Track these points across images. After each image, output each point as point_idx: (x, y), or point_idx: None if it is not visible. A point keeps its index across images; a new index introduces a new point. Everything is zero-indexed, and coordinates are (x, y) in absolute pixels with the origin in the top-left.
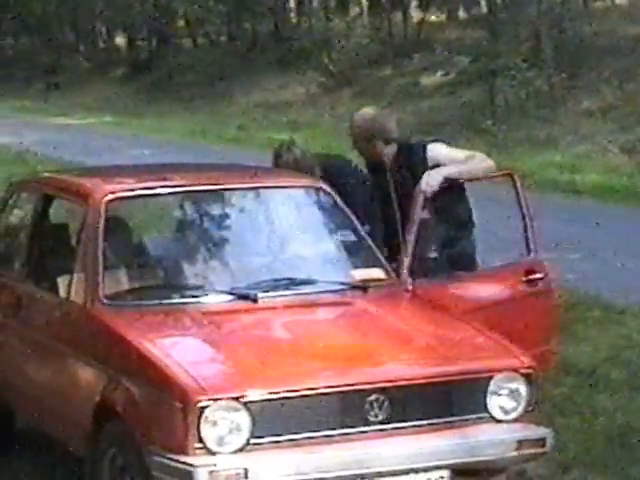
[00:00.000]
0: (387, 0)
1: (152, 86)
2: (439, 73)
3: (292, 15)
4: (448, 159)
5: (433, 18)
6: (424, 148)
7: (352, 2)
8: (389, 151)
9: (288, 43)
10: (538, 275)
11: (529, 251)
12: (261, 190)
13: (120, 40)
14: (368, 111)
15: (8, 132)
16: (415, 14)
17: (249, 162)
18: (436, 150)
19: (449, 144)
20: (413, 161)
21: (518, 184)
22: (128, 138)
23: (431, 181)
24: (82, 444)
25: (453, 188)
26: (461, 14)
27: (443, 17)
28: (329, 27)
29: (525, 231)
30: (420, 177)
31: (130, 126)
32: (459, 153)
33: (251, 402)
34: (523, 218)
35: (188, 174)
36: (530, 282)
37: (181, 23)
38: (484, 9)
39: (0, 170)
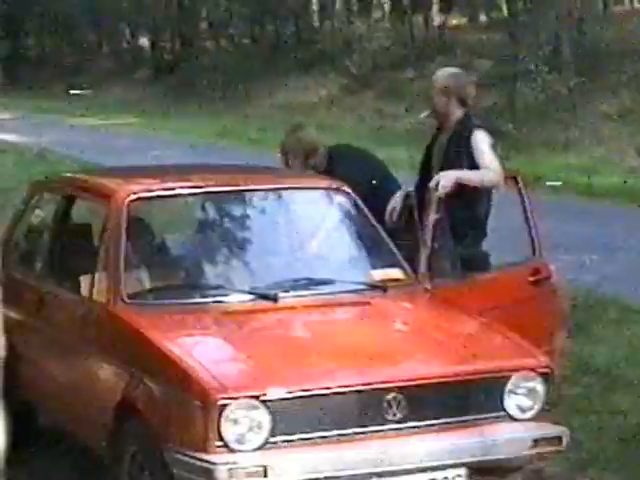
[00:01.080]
0: (409, 3)
1: (175, 88)
2: None
3: (315, 18)
4: (479, 157)
5: (454, 21)
6: (471, 131)
7: (374, 5)
8: (458, 114)
9: (310, 45)
10: (543, 275)
11: (534, 252)
12: (281, 191)
13: (144, 42)
14: (453, 69)
15: (31, 132)
16: (436, 17)
17: (270, 163)
18: (478, 141)
19: (492, 134)
20: (462, 137)
21: (522, 187)
22: (150, 139)
23: (445, 182)
24: (103, 442)
25: (466, 189)
26: (482, 18)
27: (464, 20)
28: (351, 30)
29: (530, 233)
30: (461, 154)
31: (152, 127)
32: (488, 157)
33: (271, 401)
34: (527, 220)
35: (209, 175)
36: (536, 283)
37: (204, 25)
38: (505, 13)
39: (22, 170)
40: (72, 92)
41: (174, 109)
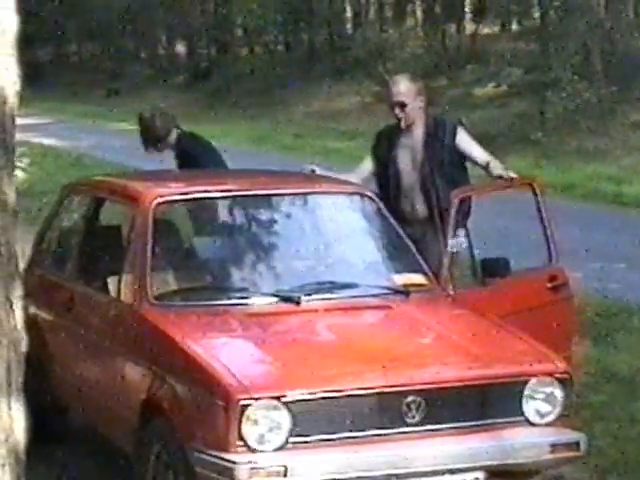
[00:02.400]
0: (442, 12)
1: (211, 94)
2: (491, 85)
3: (348, 25)
4: (477, 151)
5: (487, 30)
6: (454, 129)
7: (408, 13)
8: (427, 114)
9: (344, 53)
10: (560, 282)
11: (550, 259)
12: (306, 195)
13: (180, 48)
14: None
15: (70, 136)
16: (469, 26)
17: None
18: (464, 136)
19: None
20: (438, 134)
21: (538, 194)
22: None
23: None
24: (129, 440)
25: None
26: (514, 26)
27: (497, 29)
28: (384, 37)
29: (546, 239)
30: (443, 151)
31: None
32: (483, 152)
33: (291, 402)
34: (544, 227)
35: (236, 179)
36: (553, 289)
37: (239, 33)
38: (537, 21)
39: (60, 174)
40: (110, 97)
41: (209, 115)
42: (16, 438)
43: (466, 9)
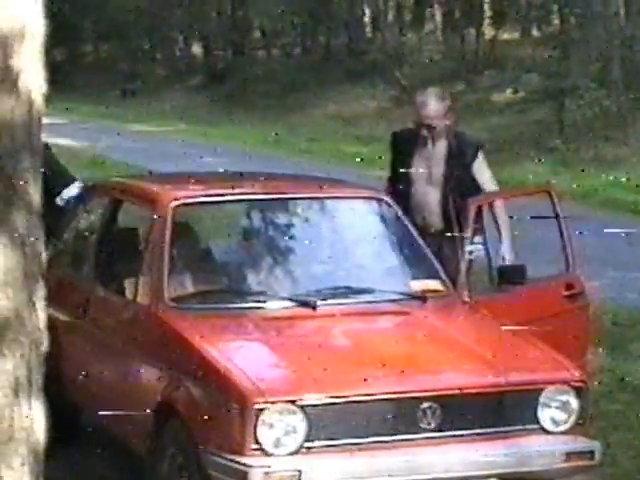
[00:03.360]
0: (461, 17)
1: (227, 96)
2: (509, 91)
3: (367, 29)
4: (488, 181)
5: (506, 36)
6: (477, 151)
7: (427, 17)
8: (447, 123)
9: (361, 56)
10: (576, 290)
11: (568, 267)
12: (324, 200)
13: (197, 49)
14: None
15: (84, 137)
16: (488, 31)
17: (319, 174)
18: (482, 163)
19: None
20: (462, 151)
21: (556, 201)
22: (202, 146)
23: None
24: (143, 442)
25: None
26: (535, 32)
27: (516, 35)
28: (402, 42)
29: (564, 247)
30: (465, 168)
31: (204, 134)
32: (492, 185)
33: (307, 406)
34: (561, 234)
35: (253, 183)
36: (570, 297)
37: (256, 35)
38: (558, 28)
39: (75, 174)
40: (126, 98)
41: (225, 117)
42: (36, 437)
43: (486, 14)
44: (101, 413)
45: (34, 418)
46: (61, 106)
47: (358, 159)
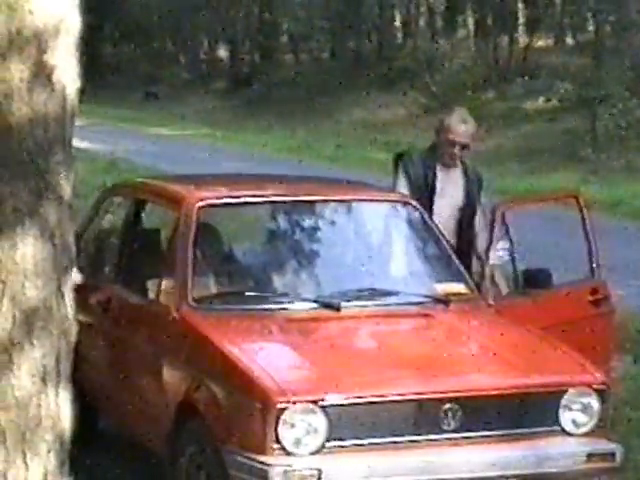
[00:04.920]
0: (494, 23)
1: (253, 100)
2: (541, 99)
3: (397, 35)
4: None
5: (540, 43)
6: (482, 184)
7: (459, 24)
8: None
9: (391, 62)
10: (601, 295)
11: (593, 272)
12: (349, 203)
13: (222, 53)
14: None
15: (104, 140)
16: (522, 39)
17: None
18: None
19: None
20: (475, 184)
21: (583, 207)
22: (225, 151)
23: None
24: (162, 442)
25: None
26: (569, 40)
27: (550, 42)
28: (434, 48)
29: (589, 252)
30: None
31: (228, 139)
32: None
33: (328, 406)
34: (587, 240)
35: (279, 185)
36: (595, 302)
37: (284, 39)
38: (592, 35)
39: (94, 177)
40: (148, 101)
41: (250, 122)
42: (62, 425)
43: (519, 21)
44: (120, 414)
45: (61, 406)
46: (80, 108)
47: (385, 166)
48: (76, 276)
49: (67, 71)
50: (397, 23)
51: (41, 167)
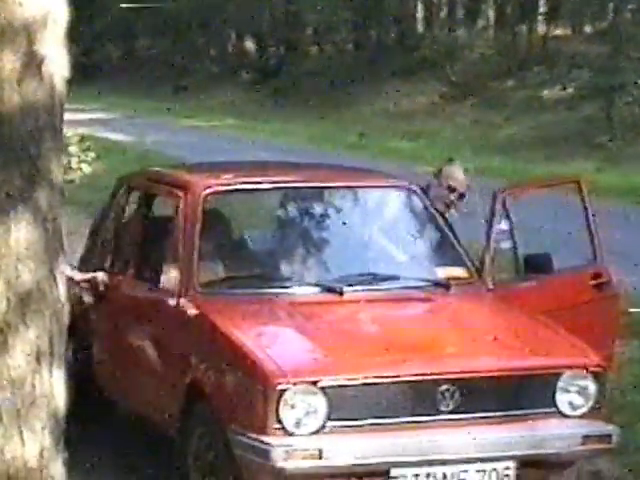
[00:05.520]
0: (514, 13)
1: (279, 91)
2: (558, 87)
3: (418, 25)
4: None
5: (559, 32)
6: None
7: (480, 14)
8: None
9: (412, 52)
10: (604, 280)
11: (595, 257)
12: (353, 189)
13: (249, 45)
14: None
15: (135, 132)
16: (541, 27)
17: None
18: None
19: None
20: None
21: (585, 192)
22: (250, 141)
23: None
24: (173, 422)
25: None
26: (588, 29)
27: (569, 31)
28: (453, 38)
29: (591, 237)
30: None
31: (254, 130)
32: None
33: (328, 387)
34: (588, 225)
35: (284, 172)
36: (597, 286)
37: (309, 31)
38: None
39: (125, 168)
40: (178, 93)
41: (276, 112)
42: (56, 403)
43: (540, 10)
44: (129, 395)
45: (55, 385)
46: (113, 101)
47: (405, 154)
48: (65, 267)
49: (56, 61)
50: (419, 14)
51: (32, 154)
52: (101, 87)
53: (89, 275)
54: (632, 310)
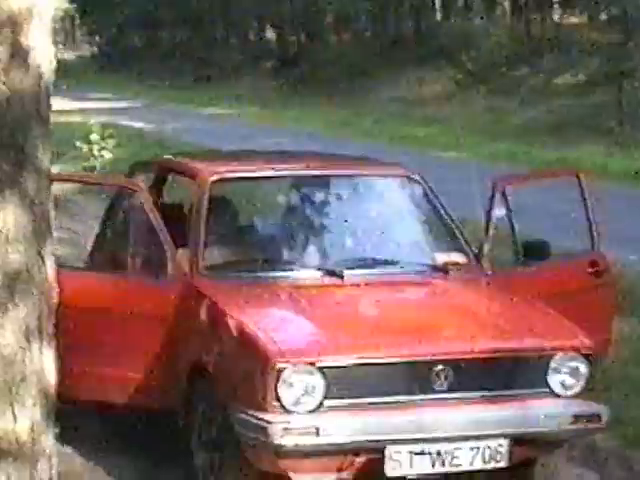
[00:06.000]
0: (529, 1)
1: (298, 79)
2: (568, 74)
3: (436, 14)
4: None
5: (574, 19)
6: None
7: (497, 2)
8: None
9: (429, 41)
10: (601, 267)
11: (593, 245)
12: (354, 177)
13: (270, 35)
14: None
15: (157, 120)
16: (556, 15)
17: (382, 154)
18: None
19: None
20: None
21: (583, 183)
22: (268, 128)
23: None
24: (178, 401)
25: None
26: (602, 16)
27: (584, 18)
28: (470, 26)
29: (589, 227)
30: None
31: (273, 117)
32: None
33: (325, 367)
34: (587, 215)
35: (288, 160)
36: (594, 274)
37: (329, 20)
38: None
39: (144, 155)
40: (201, 82)
41: (296, 100)
42: (47, 379)
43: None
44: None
45: (45, 362)
46: (137, 90)
47: (419, 141)
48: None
49: (42, 52)
50: (437, 3)
51: (19, 141)
52: (125, 76)
53: None
54: None
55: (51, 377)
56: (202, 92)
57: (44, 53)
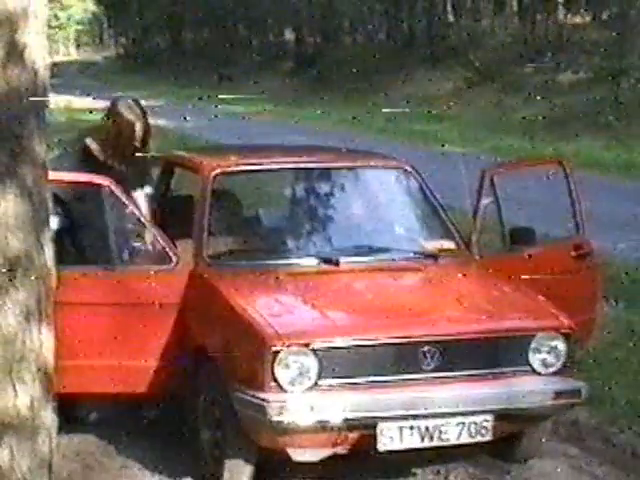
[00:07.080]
0: (535, 2)
1: (315, 79)
2: (569, 72)
3: (448, 15)
4: None
5: (578, 20)
6: None
7: (507, 2)
8: None
9: (440, 41)
10: (585, 251)
11: (577, 230)
12: (351, 169)
13: (289, 36)
14: None
15: (178, 118)
16: (561, 15)
17: (390, 151)
18: None
19: None
20: None
21: (568, 171)
22: (285, 126)
23: None
24: (184, 383)
25: None
26: (603, 16)
27: (587, 18)
28: (478, 26)
29: (574, 212)
30: None
31: (289, 115)
32: None
33: (318, 349)
34: (572, 201)
35: (288, 154)
36: (578, 257)
37: (345, 22)
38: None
39: (164, 150)
40: (222, 82)
41: (312, 99)
42: (45, 357)
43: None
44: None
45: (43, 341)
46: (161, 89)
47: (428, 137)
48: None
49: (37, 50)
50: (448, 6)
51: (17, 133)
52: (148, 77)
53: None
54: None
55: (49, 355)
56: (224, 92)
57: (40, 51)
